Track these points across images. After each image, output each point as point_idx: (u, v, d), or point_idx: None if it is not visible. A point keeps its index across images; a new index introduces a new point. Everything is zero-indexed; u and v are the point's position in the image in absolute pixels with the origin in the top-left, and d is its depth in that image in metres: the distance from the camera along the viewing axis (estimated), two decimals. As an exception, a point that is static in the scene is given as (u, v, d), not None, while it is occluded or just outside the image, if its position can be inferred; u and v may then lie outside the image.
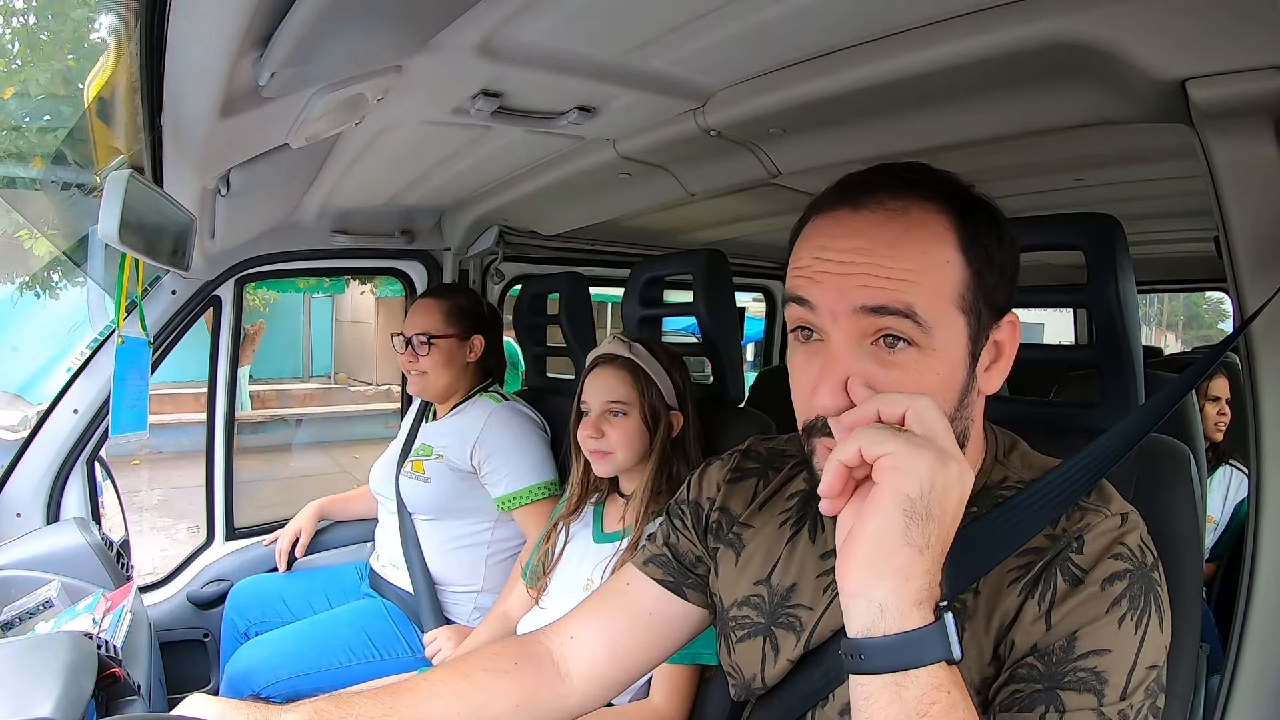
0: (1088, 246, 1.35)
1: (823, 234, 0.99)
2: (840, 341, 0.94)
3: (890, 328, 0.93)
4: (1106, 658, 0.90)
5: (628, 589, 1.33)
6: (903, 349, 0.93)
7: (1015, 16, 1.29)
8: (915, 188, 0.98)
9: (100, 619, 1.70)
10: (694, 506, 1.35)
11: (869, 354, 0.94)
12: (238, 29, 1.07)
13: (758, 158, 2.08)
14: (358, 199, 2.72)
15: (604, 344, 2.04)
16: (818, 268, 0.96)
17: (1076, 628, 0.92)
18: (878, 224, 0.96)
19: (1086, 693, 0.89)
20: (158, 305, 2.63)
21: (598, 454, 1.96)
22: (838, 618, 1.06)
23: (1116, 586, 0.93)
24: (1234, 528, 3.18)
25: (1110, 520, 0.99)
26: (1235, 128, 1.19)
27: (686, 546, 1.33)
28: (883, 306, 0.92)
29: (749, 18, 1.42)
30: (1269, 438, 1.25)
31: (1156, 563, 0.97)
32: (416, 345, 2.57)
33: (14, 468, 2.45)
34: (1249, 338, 1.25)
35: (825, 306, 0.94)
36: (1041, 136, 1.73)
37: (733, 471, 1.34)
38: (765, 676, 1.17)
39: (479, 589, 2.57)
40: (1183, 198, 2.82)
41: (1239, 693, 1.26)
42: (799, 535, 1.20)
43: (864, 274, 0.93)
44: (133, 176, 1.53)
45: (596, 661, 1.26)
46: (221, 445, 3.01)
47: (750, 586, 1.22)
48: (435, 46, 1.41)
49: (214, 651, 2.83)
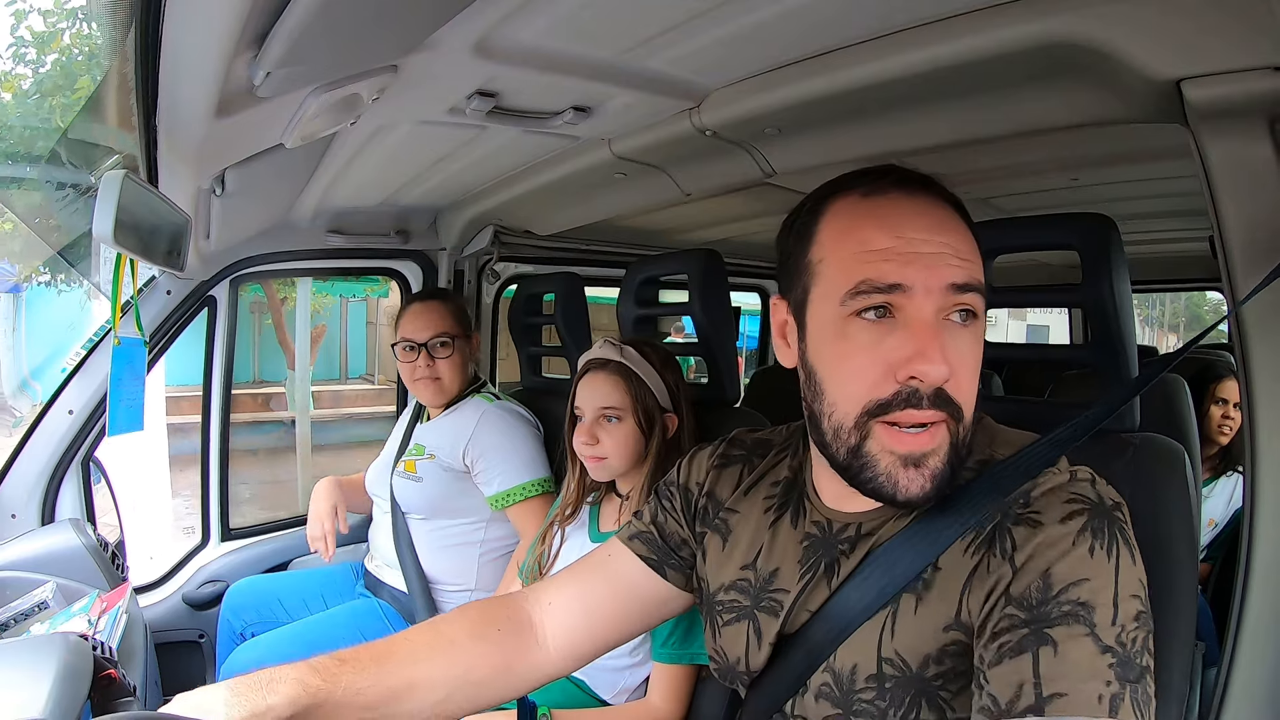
0: (1083, 246, 1.35)
1: (891, 214, 1.01)
2: (921, 314, 0.97)
3: (968, 304, 0.98)
4: (1085, 586, 0.90)
5: (609, 560, 1.37)
6: (970, 324, 1.00)
7: (1010, 16, 1.30)
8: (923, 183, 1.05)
9: (95, 620, 1.69)
10: (683, 490, 1.37)
11: (944, 327, 0.98)
12: (232, 29, 1.07)
13: (753, 158, 2.09)
14: (353, 199, 2.72)
15: (595, 348, 2.03)
16: (904, 248, 0.98)
17: (1047, 566, 0.92)
18: (933, 205, 1.03)
19: (1076, 623, 0.88)
20: (153, 305, 2.62)
21: (593, 459, 1.95)
22: (814, 600, 1.12)
23: (1076, 521, 0.95)
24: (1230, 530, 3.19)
25: (1058, 476, 1.02)
26: (1230, 128, 1.19)
27: (673, 528, 1.36)
28: (966, 284, 0.98)
29: (745, 18, 1.42)
30: (1263, 435, 1.25)
31: (1119, 505, 0.99)
32: (433, 349, 2.57)
33: (9, 469, 2.44)
34: (1244, 337, 1.25)
35: (920, 284, 0.96)
36: (1037, 136, 1.73)
37: (720, 458, 1.37)
38: (750, 661, 1.19)
39: (472, 588, 2.56)
40: (1177, 197, 2.84)
41: (1235, 688, 1.26)
42: (781, 520, 1.22)
43: (948, 252, 0.98)
44: (127, 176, 1.53)
45: (574, 629, 1.30)
46: (216, 446, 3.01)
47: (737, 571, 1.24)
48: (431, 46, 1.41)
49: (210, 652, 2.82)
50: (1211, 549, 3.21)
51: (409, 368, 2.62)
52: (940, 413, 0.97)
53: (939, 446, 0.99)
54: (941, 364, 0.94)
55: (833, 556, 1.12)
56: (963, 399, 0.98)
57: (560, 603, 1.32)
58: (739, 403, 2.18)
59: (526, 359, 2.99)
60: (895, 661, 1.02)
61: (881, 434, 0.99)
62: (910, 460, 0.98)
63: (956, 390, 0.97)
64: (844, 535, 1.12)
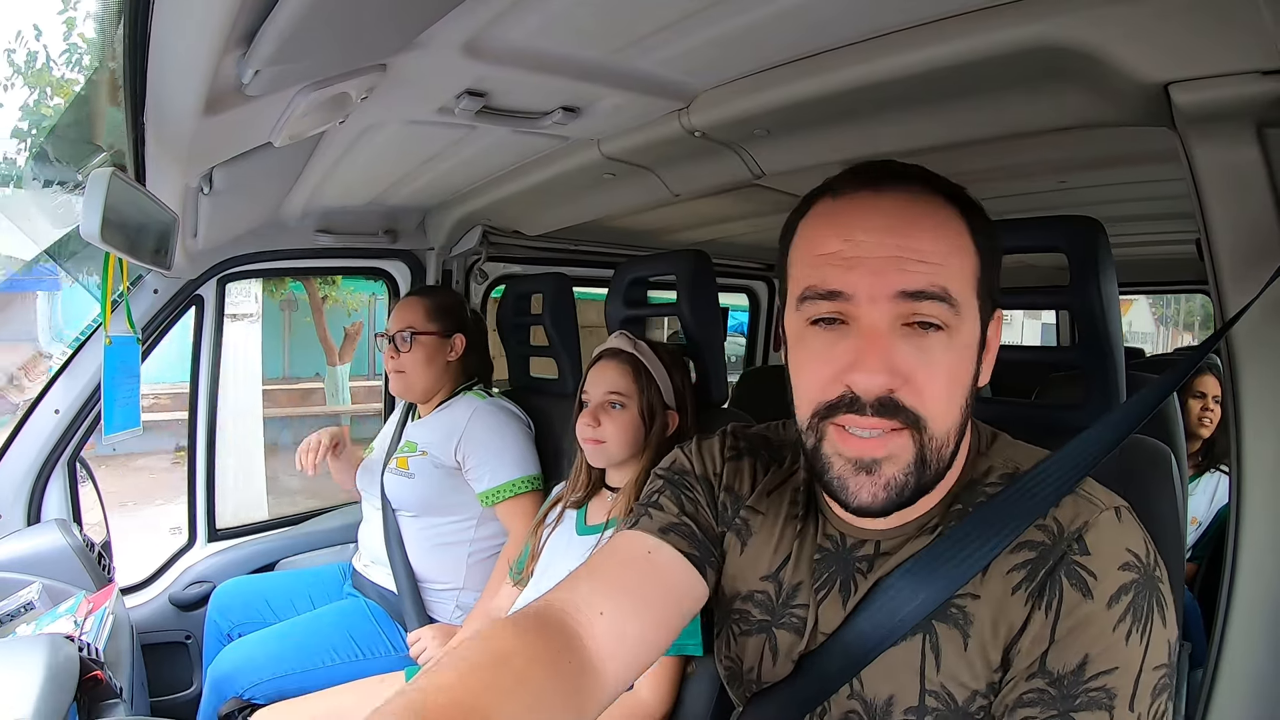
0: (1070, 249, 1.36)
1: (846, 215, 0.98)
2: (873, 322, 0.94)
3: (926, 313, 0.93)
4: (1115, 675, 0.89)
5: (650, 557, 1.14)
6: (934, 333, 0.94)
7: (1000, 19, 1.30)
8: (921, 179, 1.00)
9: (82, 621, 1.69)
10: (704, 482, 1.24)
11: (901, 335, 0.94)
12: (222, 26, 1.07)
13: (742, 159, 2.09)
14: (341, 198, 2.71)
15: (610, 339, 2.07)
16: (849, 252, 0.95)
17: (1085, 652, 0.90)
18: (903, 204, 0.97)
19: (1099, 710, 0.89)
20: (140, 304, 2.61)
21: (592, 442, 1.97)
22: (828, 623, 1.06)
23: (1123, 602, 0.91)
24: (1216, 529, 3.21)
25: (1107, 515, 0.97)
26: (1217, 131, 1.20)
27: (707, 521, 1.20)
28: (921, 291, 0.93)
29: (735, 19, 1.42)
30: (1249, 438, 1.26)
31: (1158, 561, 0.96)
32: (399, 341, 2.57)
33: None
34: (1230, 340, 1.26)
35: (863, 291, 0.94)
36: (1025, 139, 1.74)
37: (731, 450, 1.26)
38: (763, 673, 1.14)
39: (460, 587, 2.56)
40: (1165, 200, 2.85)
41: (1221, 688, 1.27)
42: (805, 530, 1.15)
43: (900, 256, 0.93)
44: (115, 174, 1.52)
45: (626, 642, 1.03)
46: (203, 446, 3.00)
47: (758, 582, 1.17)
48: (420, 45, 1.41)
49: (196, 653, 2.81)
50: (1196, 549, 3.22)
51: (385, 359, 2.65)
52: (888, 421, 0.94)
53: (895, 455, 0.95)
54: (878, 374, 0.92)
55: (848, 574, 1.08)
56: (925, 409, 0.94)
57: (611, 610, 1.03)
58: (726, 404, 2.18)
59: (514, 359, 2.98)
60: (941, 695, 0.99)
61: (833, 435, 0.98)
62: (861, 465, 0.96)
63: (915, 399, 0.94)
64: (860, 553, 1.08)
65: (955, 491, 1.05)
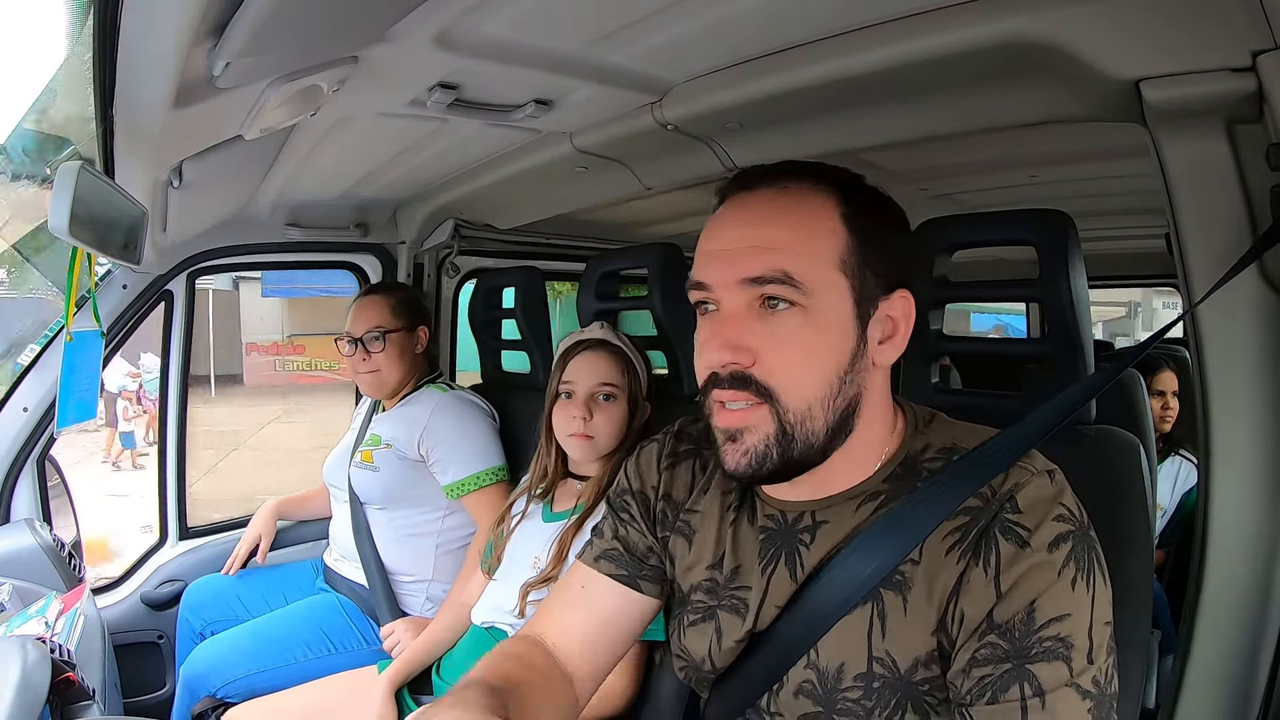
0: (1040, 242, 1.37)
1: (717, 219, 1.11)
2: (730, 307, 1.05)
3: (769, 293, 1.03)
4: (1067, 622, 0.92)
5: (584, 591, 1.34)
6: (785, 310, 1.03)
7: (972, 15, 1.31)
8: (804, 172, 1.09)
9: (53, 622, 1.67)
10: (640, 497, 1.36)
11: (756, 316, 1.04)
12: (192, 18, 1.06)
13: (714, 153, 2.09)
14: (312, 192, 2.70)
15: (589, 329, 2.06)
16: (714, 247, 1.08)
17: (1033, 598, 0.94)
18: (764, 201, 1.08)
19: (1056, 661, 0.91)
20: (109, 299, 2.59)
21: (580, 437, 1.94)
22: (780, 596, 1.12)
23: (1063, 548, 0.95)
24: (1182, 516, 3.24)
25: (1040, 478, 1.02)
26: (1188, 128, 1.21)
27: (636, 538, 1.34)
28: (760, 276, 1.02)
29: (708, 13, 1.43)
30: (1217, 429, 1.28)
31: (1090, 524, 1.01)
32: (368, 342, 2.56)
33: (-39, 468, 2.40)
34: (1198, 332, 1.28)
35: (716, 281, 1.06)
36: (997, 133, 1.75)
37: (669, 457, 1.36)
38: (714, 659, 1.19)
39: (430, 579, 2.56)
40: (1135, 195, 2.88)
41: (1191, 675, 1.29)
42: (740, 517, 1.22)
43: (748, 248, 1.04)
44: (83, 168, 1.50)
45: (576, 661, 1.27)
46: (173, 443, 2.97)
47: (704, 572, 1.24)
48: (392, 38, 1.40)
49: (169, 653, 2.79)
50: (1164, 536, 3.25)
51: (350, 361, 2.63)
52: (743, 393, 1.04)
53: (754, 425, 1.05)
54: (722, 350, 1.04)
55: (792, 547, 1.13)
56: (776, 383, 1.03)
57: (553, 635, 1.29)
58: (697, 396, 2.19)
59: (486, 353, 2.97)
60: (885, 662, 1.03)
61: (715, 409, 1.08)
62: (728, 435, 1.07)
63: (766, 374, 1.03)
64: (801, 525, 1.13)
65: (893, 466, 1.11)
